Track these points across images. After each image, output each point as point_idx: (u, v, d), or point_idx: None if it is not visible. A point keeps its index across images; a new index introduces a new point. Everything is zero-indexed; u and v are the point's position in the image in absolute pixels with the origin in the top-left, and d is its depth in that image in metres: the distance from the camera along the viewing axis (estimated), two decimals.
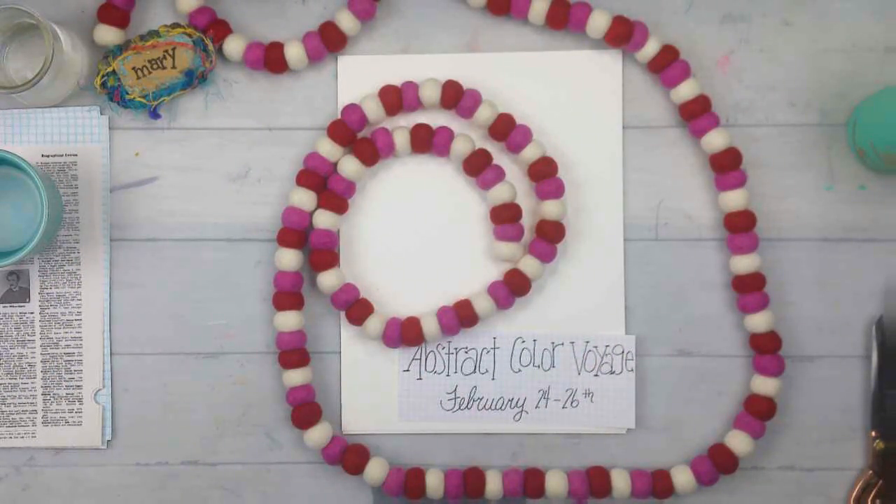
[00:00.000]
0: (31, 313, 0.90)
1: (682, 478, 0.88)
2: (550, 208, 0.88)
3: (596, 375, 0.90)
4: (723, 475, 0.89)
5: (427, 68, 0.90)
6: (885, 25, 0.90)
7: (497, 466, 0.90)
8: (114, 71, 0.88)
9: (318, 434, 0.88)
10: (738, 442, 0.88)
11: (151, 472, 0.90)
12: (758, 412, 0.88)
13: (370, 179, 0.91)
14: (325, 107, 0.91)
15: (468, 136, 0.89)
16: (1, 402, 0.90)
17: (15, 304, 0.90)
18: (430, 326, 0.88)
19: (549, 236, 0.88)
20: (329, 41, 0.89)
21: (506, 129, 0.88)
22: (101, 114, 0.90)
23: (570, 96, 0.90)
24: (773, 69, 0.90)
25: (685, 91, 0.88)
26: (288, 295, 0.88)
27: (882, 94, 0.86)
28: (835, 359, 0.90)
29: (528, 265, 0.88)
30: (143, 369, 0.90)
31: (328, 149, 0.89)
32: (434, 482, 0.88)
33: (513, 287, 0.88)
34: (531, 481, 0.88)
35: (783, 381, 0.89)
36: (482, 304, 0.88)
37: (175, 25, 0.89)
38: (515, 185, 0.89)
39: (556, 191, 0.88)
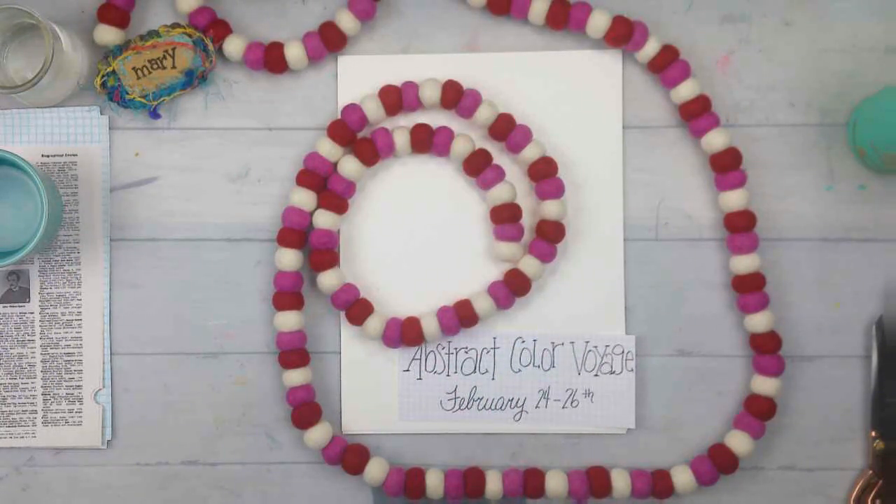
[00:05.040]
0: (31, 313, 0.90)
1: (682, 478, 0.88)
2: (550, 208, 0.88)
3: (596, 375, 0.90)
4: (723, 475, 0.89)
5: (427, 68, 0.90)
6: (885, 25, 0.90)
7: (497, 466, 0.90)
8: (114, 71, 0.88)
9: (318, 434, 0.88)
10: (738, 442, 0.88)
11: (151, 472, 0.90)
12: (758, 412, 0.88)
13: (370, 179, 0.91)
14: (325, 107, 0.91)
15: (468, 136, 0.89)
16: (1, 402, 0.90)
17: (15, 304, 0.90)
18: (430, 326, 0.88)
19: (549, 236, 0.88)
20: (329, 41, 0.89)
21: (506, 129, 0.88)
22: (101, 114, 0.90)
23: (570, 96, 0.90)
24: (773, 69, 0.90)
25: (685, 91, 0.88)
26: (288, 295, 0.88)
27: (882, 94, 0.86)
28: (835, 359, 0.90)
29: (528, 265, 0.88)
30: (143, 369, 0.90)
31: (328, 149, 0.89)
32: (434, 482, 0.88)
33: (513, 287, 0.88)
34: (531, 481, 0.88)
35: (783, 381, 0.89)
36: (482, 304, 0.88)
37: (175, 25, 0.89)
38: (515, 185, 0.89)
39: (556, 191, 0.88)
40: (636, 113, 0.90)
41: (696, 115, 0.88)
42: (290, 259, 0.88)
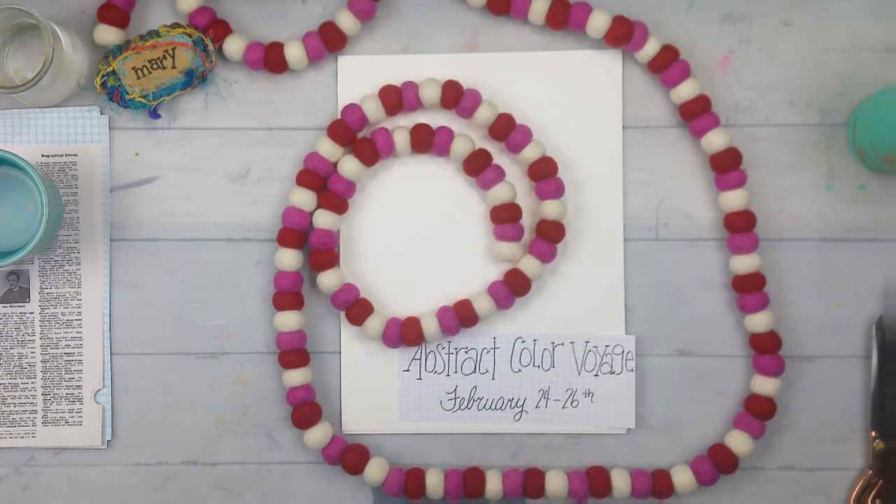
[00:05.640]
0: (31, 313, 0.90)
1: (682, 478, 0.88)
2: (550, 208, 0.88)
3: (596, 375, 0.90)
4: (723, 475, 0.89)
5: (427, 68, 0.90)
6: (885, 25, 0.90)
7: (497, 466, 0.90)
8: (114, 71, 0.88)
9: (318, 434, 0.88)
10: (738, 442, 0.88)
11: (151, 472, 0.90)
12: (758, 412, 0.88)
13: (370, 179, 0.91)
14: (325, 107, 0.91)
15: (468, 136, 0.89)
16: (1, 402, 0.90)
17: (15, 304, 0.90)
18: (430, 326, 0.88)
19: (549, 236, 0.88)
20: (329, 41, 0.89)
21: (506, 129, 0.88)
22: (101, 114, 0.90)
23: (570, 96, 0.90)
24: (773, 69, 0.90)
25: (685, 91, 0.88)
26: (288, 295, 0.88)
27: (882, 94, 0.86)
28: (835, 359, 0.90)
29: (528, 265, 0.88)
30: (143, 369, 0.90)
31: (328, 149, 0.89)
32: (434, 482, 0.88)
33: (513, 287, 0.88)
34: (531, 481, 0.88)
35: (783, 381, 0.89)
36: (482, 304, 0.88)
37: (175, 25, 0.89)
38: (515, 185, 0.89)
39: (556, 191, 0.88)
40: (636, 113, 0.90)
41: (696, 115, 0.88)
42: (290, 259, 0.88)
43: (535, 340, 0.90)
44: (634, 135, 0.90)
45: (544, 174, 0.88)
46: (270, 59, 0.89)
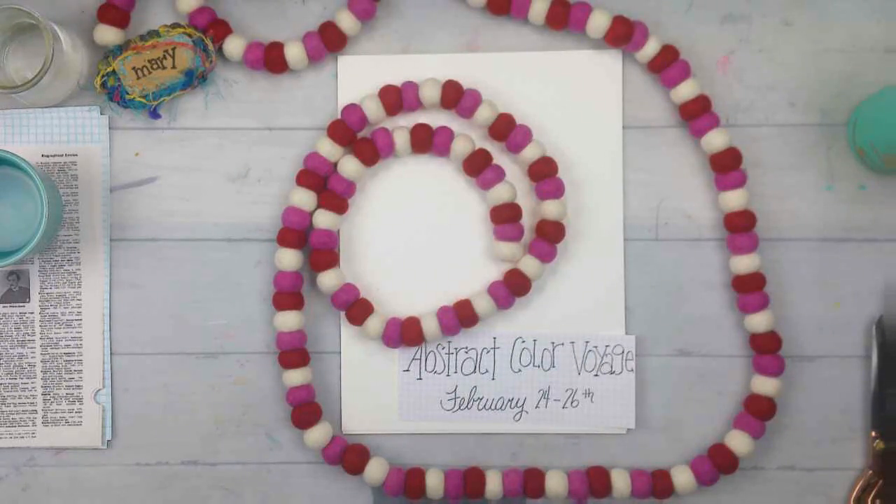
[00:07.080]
0: (31, 313, 0.90)
1: (682, 478, 0.88)
2: (550, 208, 0.88)
3: (596, 375, 0.90)
4: (723, 475, 0.89)
5: (427, 68, 0.90)
6: (885, 25, 0.90)
7: (497, 466, 0.90)
8: (114, 71, 0.88)
9: (318, 434, 0.88)
10: (738, 442, 0.88)
11: (151, 472, 0.90)
12: (758, 412, 0.88)
13: (370, 179, 0.91)
14: (325, 107, 0.91)
15: (468, 136, 0.89)
16: (1, 402, 0.90)
17: (15, 304, 0.90)
18: (430, 326, 0.88)
19: (549, 236, 0.88)
20: (329, 41, 0.89)
21: (506, 129, 0.88)
22: (101, 114, 0.90)
23: (570, 96, 0.90)
24: (773, 69, 0.90)
25: (685, 91, 0.88)
26: (288, 295, 0.88)
27: (882, 94, 0.86)
28: (835, 359, 0.90)
29: (528, 265, 0.88)
30: (143, 369, 0.90)
31: (328, 149, 0.89)
32: (434, 482, 0.88)
33: (513, 287, 0.88)
34: (531, 481, 0.88)
35: (783, 381, 0.89)
36: (482, 304, 0.88)
37: (175, 25, 0.89)
38: (515, 185, 0.89)
39: (556, 191, 0.88)
40: (636, 113, 0.90)
41: (696, 115, 0.88)
42: (290, 259, 0.88)
43: (535, 340, 0.90)
44: (634, 135, 0.90)
45: (544, 174, 0.88)
46: (270, 59, 0.89)
